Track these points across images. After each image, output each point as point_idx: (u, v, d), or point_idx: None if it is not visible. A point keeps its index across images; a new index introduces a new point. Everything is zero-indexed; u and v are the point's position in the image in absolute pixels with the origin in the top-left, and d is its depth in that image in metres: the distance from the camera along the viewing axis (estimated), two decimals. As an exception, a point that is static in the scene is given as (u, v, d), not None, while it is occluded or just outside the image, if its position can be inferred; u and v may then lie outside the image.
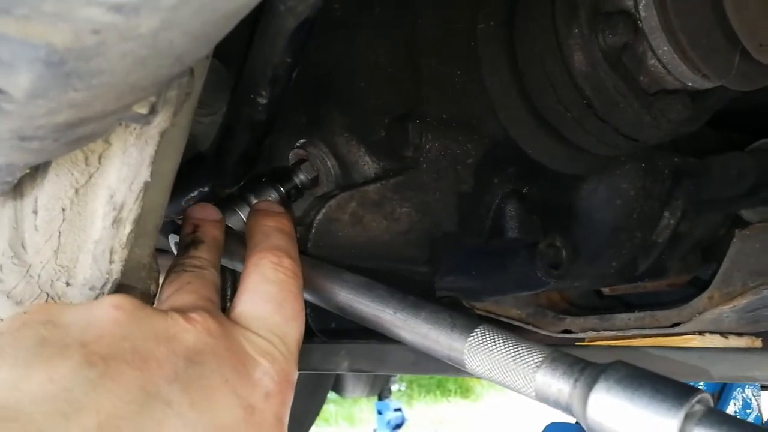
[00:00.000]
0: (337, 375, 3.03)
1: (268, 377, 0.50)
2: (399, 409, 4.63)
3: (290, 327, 0.54)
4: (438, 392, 6.15)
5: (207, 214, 0.64)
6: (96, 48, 0.29)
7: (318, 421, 2.49)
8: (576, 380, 0.46)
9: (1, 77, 0.34)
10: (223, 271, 0.68)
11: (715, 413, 0.41)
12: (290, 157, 0.82)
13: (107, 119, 0.42)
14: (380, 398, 4.53)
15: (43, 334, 0.45)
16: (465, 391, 6.21)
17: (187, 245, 0.61)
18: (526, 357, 0.49)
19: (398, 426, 4.61)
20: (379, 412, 4.62)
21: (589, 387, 0.45)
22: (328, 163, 0.81)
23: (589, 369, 0.46)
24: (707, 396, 0.43)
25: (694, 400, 0.42)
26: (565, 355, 0.48)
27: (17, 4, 0.26)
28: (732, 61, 0.68)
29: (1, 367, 0.43)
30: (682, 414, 0.41)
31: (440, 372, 0.57)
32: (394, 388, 5.19)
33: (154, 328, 0.47)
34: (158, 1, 0.26)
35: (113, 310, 0.48)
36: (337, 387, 3.31)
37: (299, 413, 2.32)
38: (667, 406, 0.42)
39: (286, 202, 0.78)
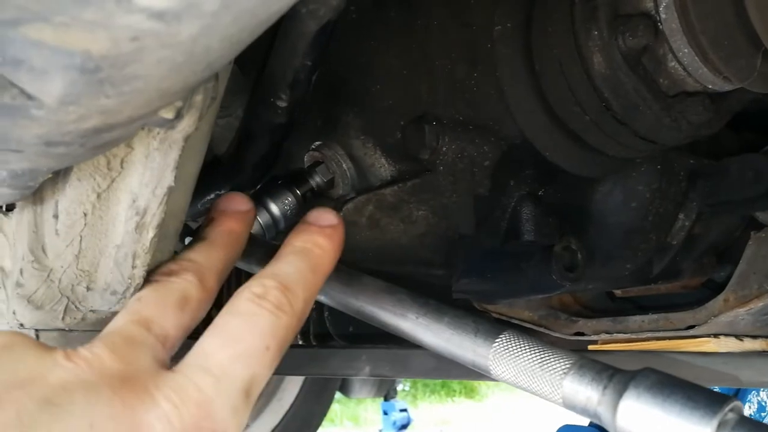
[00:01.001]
0: (344, 375, 3.03)
1: (163, 422, 0.42)
2: (405, 410, 4.62)
3: (238, 365, 0.46)
4: (443, 392, 6.15)
5: (230, 204, 0.57)
6: (133, 55, 0.29)
7: (324, 422, 2.49)
8: (605, 387, 0.46)
9: (33, 83, 0.33)
10: (240, 272, 0.66)
11: (748, 422, 0.41)
12: (306, 159, 0.82)
13: (134, 124, 0.42)
14: (386, 399, 4.53)
15: None
16: (470, 392, 6.20)
17: (188, 244, 0.55)
18: (553, 363, 0.48)
19: (404, 426, 4.60)
20: (385, 413, 4.61)
21: (619, 394, 0.44)
22: (344, 165, 0.80)
23: (617, 376, 0.46)
24: (739, 404, 0.42)
25: (727, 408, 0.41)
26: (593, 361, 0.47)
27: (57, 12, 0.26)
28: (754, 64, 0.68)
29: None
30: (715, 422, 0.41)
31: (462, 377, 0.56)
32: (399, 388, 5.19)
33: (17, 370, 0.42)
34: (200, 8, 0.26)
35: None
36: (344, 387, 3.31)
37: (305, 415, 2.32)
38: (700, 414, 0.41)
39: (303, 205, 0.78)
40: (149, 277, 0.53)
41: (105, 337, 0.47)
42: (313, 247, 0.55)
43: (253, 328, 0.48)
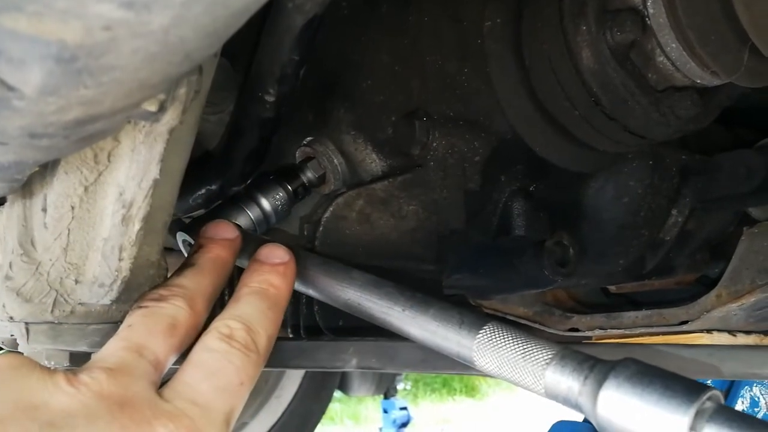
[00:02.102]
0: (343, 373, 3.04)
1: None
2: (405, 408, 4.63)
3: (220, 398, 0.50)
4: (443, 391, 6.15)
5: (217, 232, 0.60)
6: (107, 44, 0.29)
7: (323, 420, 2.49)
8: (586, 377, 0.46)
9: (12, 74, 0.34)
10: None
11: (725, 410, 0.41)
12: (297, 154, 0.82)
13: (117, 117, 0.42)
14: (386, 397, 4.53)
15: None
16: (470, 390, 6.20)
17: (177, 270, 0.58)
18: (535, 354, 0.48)
19: (404, 424, 4.61)
20: (385, 411, 4.61)
21: (599, 384, 0.45)
22: (335, 160, 0.81)
23: (598, 366, 0.46)
24: (718, 393, 0.42)
25: (705, 397, 0.42)
26: (575, 352, 0.48)
27: (29, 1, 0.26)
28: (741, 58, 0.68)
29: None
30: (692, 411, 0.41)
31: (449, 370, 0.57)
32: (399, 386, 5.19)
33: (22, 393, 0.44)
34: (170, -3, 0.26)
35: None
36: (343, 385, 3.32)
37: (304, 413, 2.32)
38: (678, 403, 0.42)
39: (294, 200, 0.78)
40: (139, 302, 0.55)
41: (100, 361, 0.49)
42: (269, 287, 0.58)
43: (228, 364, 0.51)
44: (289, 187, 0.78)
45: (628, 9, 0.70)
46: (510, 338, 0.50)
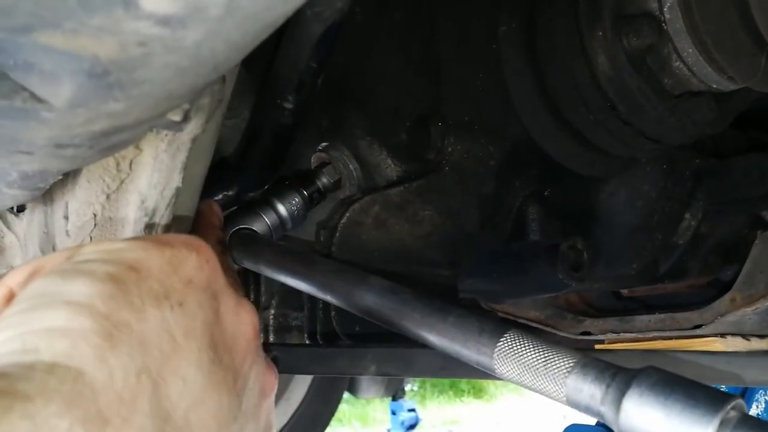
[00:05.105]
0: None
1: None
2: (413, 410, 4.62)
3: None
4: (451, 392, 6.14)
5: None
6: (140, 59, 0.30)
7: (332, 422, 2.49)
8: (608, 386, 0.46)
9: (43, 87, 0.34)
10: (247, 272, 0.67)
11: (750, 419, 0.41)
12: (312, 160, 0.83)
13: (142, 126, 0.42)
14: (394, 398, 4.53)
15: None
16: (478, 392, 6.19)
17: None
18: (556, 362, 0.48)
19: (412, 426, 4.60)
20: (393, 413, 4.61)
21: (622, 393, 0.45)
22: (351, 166, 0.81)
23: (620, 374, 0.46)
24: (741, 402, 0.42)
25: (729, 407, 0.42)
26: (597, 360, 0.48)
27: (67, 18, 0.27)
28: (758, 63, 0.68)
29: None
30: (717, 421, 0.41)
31: (468, 376, 0.57)
32: (407, 387, 5.19)
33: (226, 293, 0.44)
34: (205, 14, 0.26)
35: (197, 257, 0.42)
36: (352, 387, 3.32)
37: (313, 415, 2.32)
38: (702, 413, 0.41)
39: (310, 205, 0.78)
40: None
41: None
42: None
43: None
44: (305, 193, 0.78)
45: (645, 14, 0.70)
46: (531, 346, 0.50)
